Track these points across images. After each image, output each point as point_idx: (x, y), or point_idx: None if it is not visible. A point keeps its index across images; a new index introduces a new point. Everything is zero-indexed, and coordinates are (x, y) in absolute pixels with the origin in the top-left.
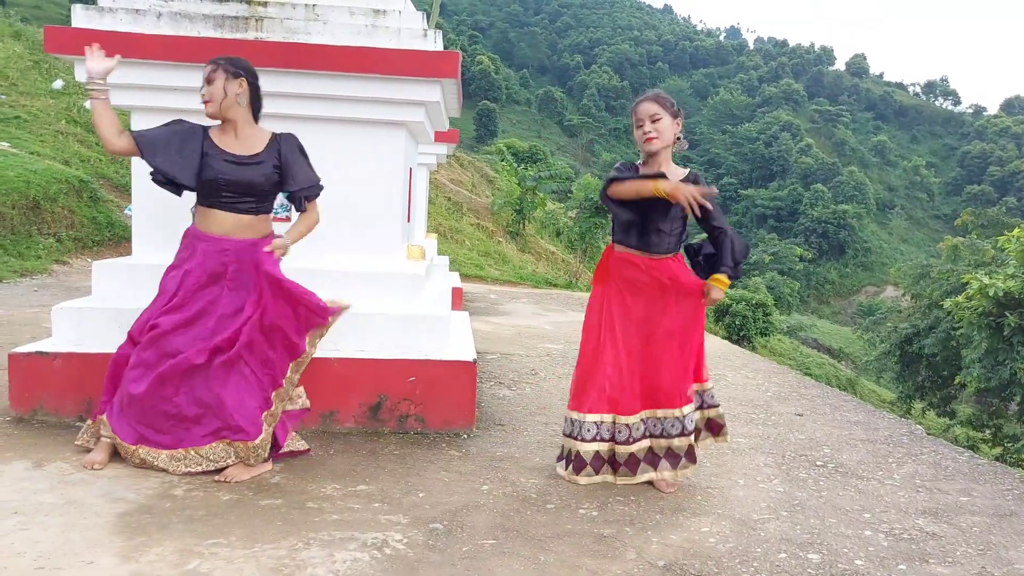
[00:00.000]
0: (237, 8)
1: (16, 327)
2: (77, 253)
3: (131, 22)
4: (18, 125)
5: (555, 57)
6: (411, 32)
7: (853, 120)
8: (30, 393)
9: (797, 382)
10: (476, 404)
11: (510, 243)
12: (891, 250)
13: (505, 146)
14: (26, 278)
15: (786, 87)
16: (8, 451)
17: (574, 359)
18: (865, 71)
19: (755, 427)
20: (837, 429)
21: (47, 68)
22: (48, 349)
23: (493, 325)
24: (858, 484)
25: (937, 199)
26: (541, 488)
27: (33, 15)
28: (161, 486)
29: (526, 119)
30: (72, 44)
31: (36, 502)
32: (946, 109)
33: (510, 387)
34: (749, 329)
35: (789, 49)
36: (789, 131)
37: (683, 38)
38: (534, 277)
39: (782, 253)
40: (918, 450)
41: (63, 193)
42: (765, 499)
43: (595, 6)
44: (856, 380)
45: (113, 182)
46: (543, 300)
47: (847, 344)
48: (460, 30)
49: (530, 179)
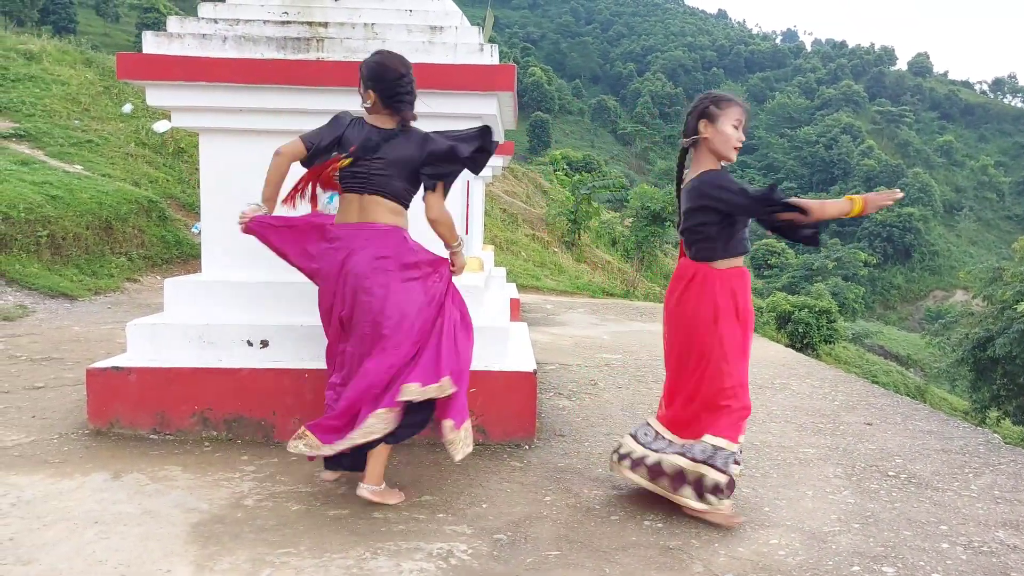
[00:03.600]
0: (299, 30)
1: (92, 343)
2: (147, 271)
3: (198, 47)
4: (91, 149)
5: (607, 66)
6: (467, 47)
7: (917, 120)
8: (107, 407)
9: (865, 390)
10: (536, 415)
11: (565, 253)
12: (960, 253)
13: (560, 155)
14: (100, 296)
15: (846, 89)
16: (88, 463)
17: (633, 369)
18: (928, 70)
19: (823, 437)
20: (909, 439)
21: (116, 93)
22: (123, 364)
23: (551, 335)
24: (933, 496)
25: (1008, 199)
26: (604, 499)
27: (102, 42)
28: (232, 496)
29: (579, 129)
30: (143, 70)
31: (115, 512)
32: (1015, 106)
33: (569, 398)
34: (813, 336)
35: (848, 50)
36: (850, 133)
37: (738, 42)
38: (590, 287)
39: (846, 258)
40: (996, 460)
41: (133, 213)
42: (836, 511)
43: (647, 13)
44: (926, 388)
45: (180, 201)
46: (600, 310)
47: (915, 351)
48: (512, 42)
49: (584, 188)
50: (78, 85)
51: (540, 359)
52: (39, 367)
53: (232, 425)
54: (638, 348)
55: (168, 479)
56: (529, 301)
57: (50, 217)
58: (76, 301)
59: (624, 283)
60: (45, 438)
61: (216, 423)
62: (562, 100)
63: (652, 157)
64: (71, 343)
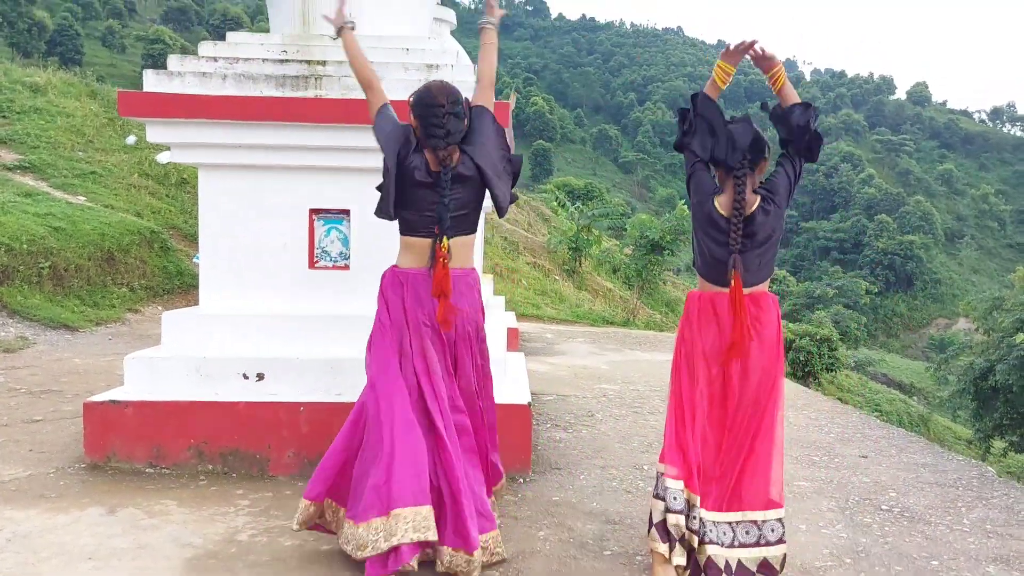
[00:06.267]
0: (298, 68)
1: (92, 375)
2: (149, 301)
3: (198, 84)
4: (94, 180)
5: (609, 96)
6: (463, 85)
7: (917, 149)
8: (104, 440)
9: (861, 422)
10: (532, 447)
11: (566, 281)
12: (962, 281)
13: (561, 184)
14: (101, 327)
15: (846, 117)
16: (84, 497)
17: (631, 400)
18: (927, 99)
19: (818, 470)
20: (903, 472)
21: (121, 124)
22: (121, 398)
23: (549, 365)
24: (925, 530)
25: (1009, 228)
26: (598, 534)
27: (108, 73)
28: (227, 531)
29: (581, 157)
30: (144, 107)
31: (110, 547)
32: (1015, 135)
33: (566, 429)
34: (814, 365)
35: (847, 80)
36: (850, 162)
37: (738, 73)
38: (591, 315)
39: (847, 286)
40: (989, 494)
41: (136, 244)
42: (828, 545)
43: (647, 44)
44: (929, 417)
45: (182, 232)
46: (600, 339)
47: (918, 379)
48: (515, 73)
49: (584, 217)
50: (83, 117)
51: (538, 389)
52: (38, 400)
53: (228, 458)
54: (636, 378)
55: (163, 513)
56: (530, 330)
57: (52, 248)
58: (77, 332)
59: (625, 311)
60: (42, 472)
61: (212, 456)
62: (564, 129)
63: (653, 185)
64: (71, 375)
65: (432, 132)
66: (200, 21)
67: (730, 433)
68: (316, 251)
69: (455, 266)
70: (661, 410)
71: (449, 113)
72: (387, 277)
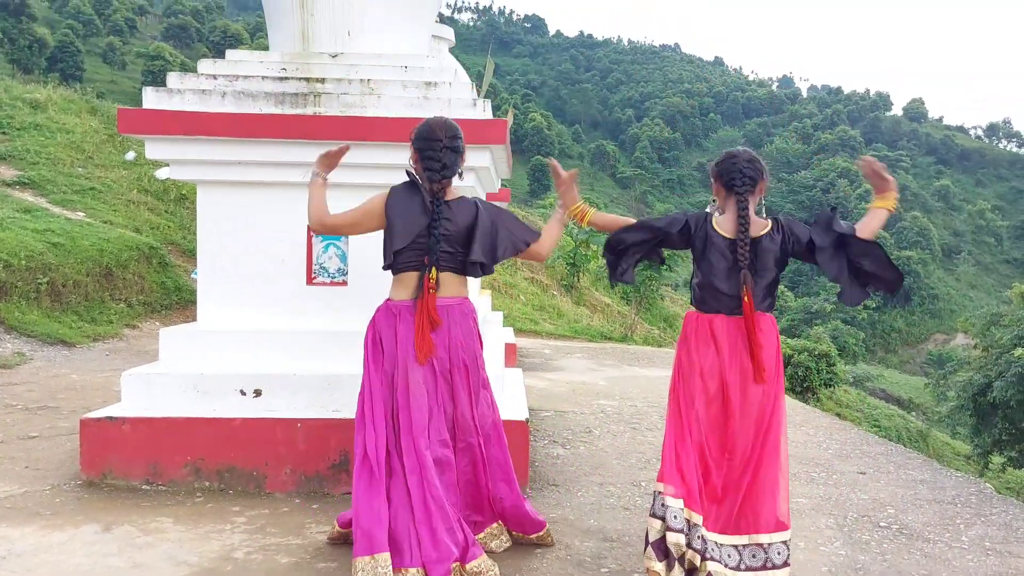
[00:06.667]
0: (297, 85)
1: (89, 392)
2: (147, 317)
3: (198, 102)
4: (93, 196)
5: (606, 112)
6: (461, 102)
7: (913, 165)
8: (100, 457)
9: (860, 438)
10: (529, 464)
11: (565, 296)
12: (960, 296)
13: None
14: (99, 342)
15: (842, 133)
16: (80, 515)
17: (628, 416)
18: (923, 115)
19: (816, 487)
20: (902, 488)
21: (120, 141)
22: (117, 414)
23: (547, 381)
24: (924, 547)
25: (1006, 243)
26: (596, 552)
27: (109, 89)
28: (223, 549)
29: (579, 173)
30: (144, 124)
31: (105, 566)
32: (1011, 151)
33: (564, 446)
34: (813, 380)
35: (844, 96)
36: (847, 177)
37: (735, 89)
38: (589, 330)
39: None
40: (987, 511)
41: (134, 260)
42: (826, 563)
43: (645, 61)
44: (928, 433)
45: (181, 248)
46: (598, 355)
47: (917, 394)
48: (513, 89)
49: (582, 232)
50: (83, 133)
51: (536, 406)
52: (34, 416)
53: (224, 475)
54: (635, 394)
55: (159, 531)
56: (528, 346)
57: (51, 264)
58: (75, 348)
59: (623, 326)
60: (38, 489)
61: (208, 473)
62: (562, 145)
63: (651, 200)
64: (67, 391)
65: (429, 165)
66: (201, 38)
67: (731, 454)
68: (314, 267)
69: (445, 295)
70: (659, 427)
71: (447, 148)
72: (380, 310)
